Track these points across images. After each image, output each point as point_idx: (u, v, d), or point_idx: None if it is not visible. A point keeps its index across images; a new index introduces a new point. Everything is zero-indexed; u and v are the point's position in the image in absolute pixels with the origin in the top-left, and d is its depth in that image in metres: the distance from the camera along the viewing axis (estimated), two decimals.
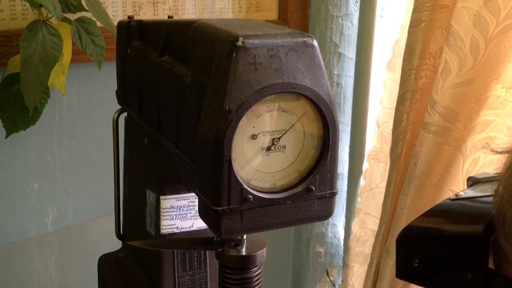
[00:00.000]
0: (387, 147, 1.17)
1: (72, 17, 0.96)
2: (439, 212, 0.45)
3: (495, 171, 0.44)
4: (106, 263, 0.83)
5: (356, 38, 1.28)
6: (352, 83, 1.32)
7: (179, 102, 0.59)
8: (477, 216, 0.41)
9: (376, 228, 1.21)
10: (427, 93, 1.03)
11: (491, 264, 0.40)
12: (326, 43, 1.30)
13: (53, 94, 1.03)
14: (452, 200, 0.44)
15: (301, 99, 0.51)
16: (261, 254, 0.59)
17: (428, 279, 0.43)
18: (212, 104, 0.50)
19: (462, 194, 0.45)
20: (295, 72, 0.50)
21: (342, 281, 1.38)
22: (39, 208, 1.16)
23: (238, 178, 0.50)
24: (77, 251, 1.21)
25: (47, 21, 0.92)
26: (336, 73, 1.32)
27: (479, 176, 0.46)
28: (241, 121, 0.49)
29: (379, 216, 1.19)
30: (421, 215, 0.45)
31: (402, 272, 0.45)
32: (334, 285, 1.47)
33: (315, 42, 0.51)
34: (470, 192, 0.45)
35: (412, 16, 1.02)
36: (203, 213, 0.53)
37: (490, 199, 0.40)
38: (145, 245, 0.69)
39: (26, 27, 0.89)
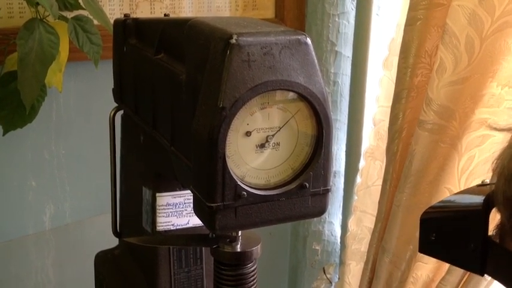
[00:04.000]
0: (383, 145, 1.17)
1: (69, 15, 0.96)
2: (457, 194, 0.52)
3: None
4: (102, 260, 0.83)
5: (352, 36, 1.28)
6: (349, 81, 1.32)
7: (174, 99, 0.60)
8: (480, 194, 0.46)
9: (372, 226, 1.21)
10: (422, 91, 1.04)
11: (496, 238, 0.44)
12: (323, 41, 1.30)
13: (50, 92, 1.03)
14: (477, 186, 0.50)
15: (295, 97, 0.51)
16: (256, 250, 0.59)
17: (443, 251, 0.49)
18: (206, 101, 0.50)
19: (487, 181, 0.49)
20: (289, 70, 0.50)
21: (339, 278, 1.38)
22: (37, 206, 1.16)
23: (233, 175, 0.50)
24: (74, 248, 1.21)
25: (44, 20, 0.92)
26: (332, 71, 1.32)
27: None
28: (235, 118, 0.49)
29: (375, 214, 1.19)
30: (443, 199, 0.53)
31: (424, 246, 0.50)
32: (331, 282, 1.47)
33: (309, 40, 0.51)
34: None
35: (407, 14, 1.03)
36: (198, 210, 0.54)
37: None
38: (141, 241, 0.70)
39: (23, 25, 0.89)
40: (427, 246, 0.50)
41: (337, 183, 1.41)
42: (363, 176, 1.28)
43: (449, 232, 0.48)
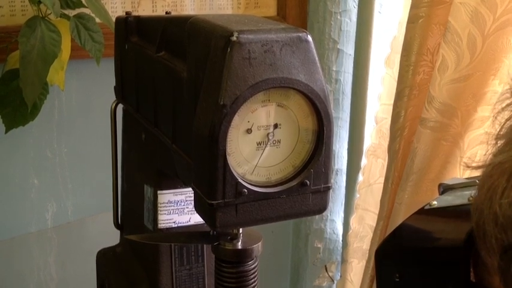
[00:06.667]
0: (385, 143, 1.17)
1: (71, 13, 0.96)
2: (415, 224, 0.44)
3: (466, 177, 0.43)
4: (104, 257, 0.83)
5: (354, 34, 1.28)
6: (351, 79, 1.32)
7: (176, 97, 0.60)
8: (455, 228, 0.41)
9: (374, 224, 1.21)
10: (424, 89, 1.03)
11: (471, 277, 0.40)
12: (325, 39, 1.30)
13: (52, 90, 1.03)
14: (426, 210, 0.44)
15: (295, 94, 0.51)
16: (257, 247, 0.59)
17: None
18: (207, 98, 0.50)
19: (436, 203, 0.44)
20: (290, 67, 0.50)
21: (341, 276, 1.38)
22: (39, 204, 1.17)
23: (233, 172, 0.50)
24: (77, 246, 1.22)
25: (46, 18, 0.92)
26: (334, 69, 1.32)
27: (451, 183, 0.46)
28: (235, 116, 0.49)
29: (377, 211, 1.19)
30: (397, 228, 0.45)
31: (383, 287, 0.44)
32: (333, 280, 1.47)
33: (310, 38, 0.51)
34: (444, 201, 0.44)
35: (410, 12, 1.02)
36: (199, 207, 0.54)
37: (466, 208, 0.40)
38: (141, 238, 0.70)
39: (25, 23, 0.89)
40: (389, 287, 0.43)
41: (339, 181, 1.40)
42: (365, 174, 1.28)
43: (418, 273, 0.42)
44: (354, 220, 1.32)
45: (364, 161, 1.28)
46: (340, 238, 1.45)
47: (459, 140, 1.01)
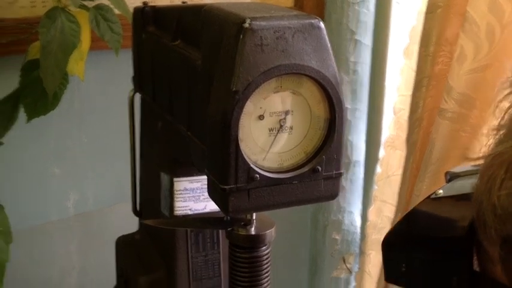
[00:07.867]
0: (404, 134, 1.17)
1: (90, 4, 0.98)
2: (421, 213, 0.45)
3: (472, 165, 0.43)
4: (123, 243, 0.85)
5: (372, 24, 1.27)
6: (369, 70, 1.32)
7: (191, 85, 0.60)
8: (459, 218, 0.41)
9: (392, 216, 1.21)
10: (443, 79, 1.03)
11: (475, 266, 0.40)
12: (342, 30, 1.30)
13: (72, 80, 1.04)
14: (432, 199, 0.44)
15: (307, 81, 0.51)
16: (270, 233, 0.60)
17: (417, 284, 0.43)
18: (220, 85, 0.51)
19: (441, 193, 0.44)
20: (302, 54, 0.50)
21: (359, 268, 1.38)
22: (60, 193, 1.18)
23: (246, 158, 0.51)
24: (98, 235, 1.23)
25: (66, 9, 0.94)
26: (352, 60, 1.32)
27: (457, 170, 0.46)
28: (248, 102, 0.50)
29: (395, 203, 1.19)
30: (404, 217, 0.45)
31: (391, 277, 0.45)
32: (351, 272, 1.47)
33: (322, 25, 0.51)
34: (450, 190, 0.44)
35: (428, 2, 1.02)
36: (212, 192, 0.54)
37: (470, 197, 0.40)
38: (157, 223, 0.71)
39: (45, 14, 0.91)
40: (397, 278, 0.43)
41: (357, 173, 1.40)
42: (383, 165, 1.27)
43: (423, 263, 0.42)
44: (372, 212, 1.31)
45: (382, 153, 1.28)
46: (358, 230, 1.45)
47: (478, 131, 1.00)
